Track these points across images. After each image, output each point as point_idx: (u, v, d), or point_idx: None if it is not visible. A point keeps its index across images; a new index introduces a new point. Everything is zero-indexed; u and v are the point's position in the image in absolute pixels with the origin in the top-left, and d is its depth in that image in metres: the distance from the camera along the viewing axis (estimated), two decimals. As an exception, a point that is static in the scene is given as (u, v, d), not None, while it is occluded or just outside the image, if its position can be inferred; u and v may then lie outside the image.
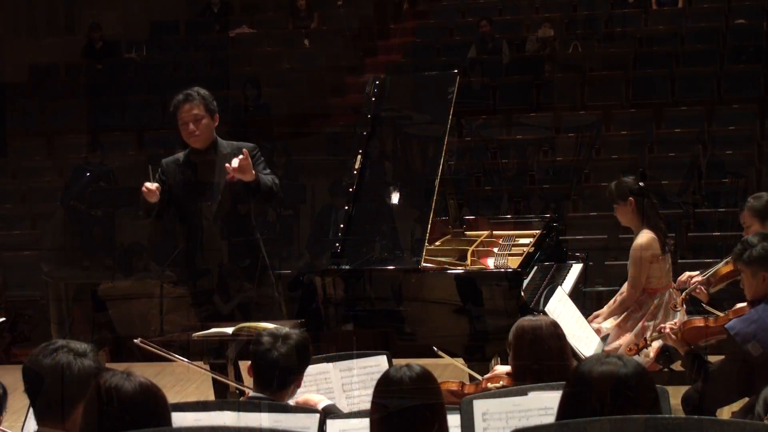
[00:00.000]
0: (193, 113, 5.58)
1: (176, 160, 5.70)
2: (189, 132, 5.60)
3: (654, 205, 5.97)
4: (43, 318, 8.21)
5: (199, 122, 5.59)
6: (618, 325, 5.96)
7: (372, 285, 5.91)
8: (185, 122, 5.60)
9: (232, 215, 5.54)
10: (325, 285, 5.91)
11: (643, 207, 5.91)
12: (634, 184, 5.95)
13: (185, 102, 5.60)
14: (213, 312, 5.45)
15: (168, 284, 6.23)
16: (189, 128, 5.59)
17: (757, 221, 5.56)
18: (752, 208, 5.59)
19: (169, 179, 5.62)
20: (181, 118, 5.61)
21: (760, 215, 5.58)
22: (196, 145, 5.63)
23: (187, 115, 5.58)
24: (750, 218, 5.60)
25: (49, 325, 6.54)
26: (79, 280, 6.42)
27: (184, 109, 5.59)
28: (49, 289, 6.47)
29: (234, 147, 5.64)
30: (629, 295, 5.96)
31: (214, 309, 5.50)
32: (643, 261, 5.87)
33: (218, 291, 5.58)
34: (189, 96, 5.60)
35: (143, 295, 6.30)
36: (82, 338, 6.32)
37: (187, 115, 5.58)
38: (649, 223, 5.90)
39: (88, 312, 6.45)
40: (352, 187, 6.04)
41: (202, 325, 5.23)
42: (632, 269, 5.92)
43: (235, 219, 5.54)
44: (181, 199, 5.61)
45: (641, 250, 5.87)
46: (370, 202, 6.07)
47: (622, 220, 6.04)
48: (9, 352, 9.10)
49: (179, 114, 5.61)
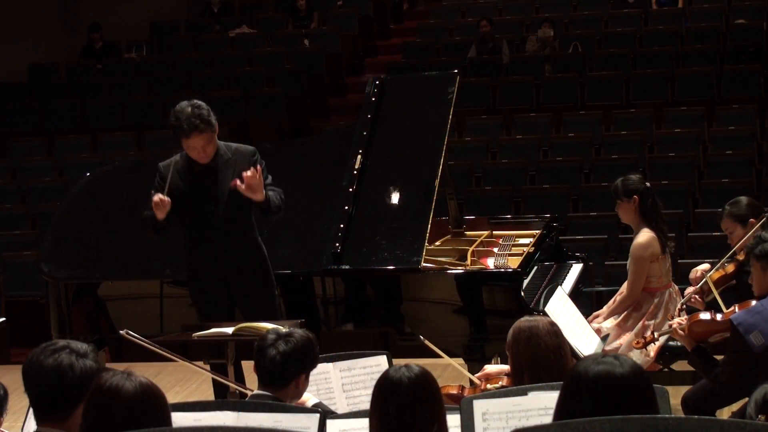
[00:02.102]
0: (203, 141, 5.43)
1: (175, 164, 5.55)
2: (200, 157, 5.47)
3: (657, 206, 5.97)
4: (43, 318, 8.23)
5: (209, 146, 5.46)
6: (618, 324, 5.96)
7: (372, 285, 5.91)
8: (196, 149, 5.44)
9: (235, 218, 5.49)
10: (324, 285, 5.91)
11: (647, 206, 5.90)
12: (640, 183, 5.94)
13: (196, 134, 5.39)
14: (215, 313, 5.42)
15: (168, 284, 6.23)
16: (201, 154, 5.46)
17: (739, 225, 5.69)
18: (731, 214, 5.74)
19: (170, 184, 5.50)
20: (189, 146, 5.44)
21: (740, 219, 5.72)
22: (204, 162, 5.50)
23: (198, 144, 5.42)
24: (731, 224, 5.74)
25: (49, 325, 6.54)
26: (79, 280, 6.41)
27: (194, 141, 5.41)
28: (49, 289, 6.46)
29: (233, 150, 5.58)
30: (628, 294, 5.96)
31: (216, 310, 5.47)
32: (642, 260, 5.87)
33: (222, 293, 5.56)
34: (198, 127, 5.37)
35: (143, 295, 6.31)
36: (82, 338, 6.35)
37: (199, 144, 5.42)
38: (650, 223, 5.90)
39: (88, 312, 6.45)
40: (352, 187, 6.04)
41: (203, 325, 5.23)
42: (632, 268, 5.92)
43: (238, 222, 5.49)
44: (183, 204, 5.51)
45: (641, 250, 5.87)
46: (370, 202, 6.07)
47: (623, 217, 6.03)
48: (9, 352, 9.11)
49: (187, 143, 5.42)
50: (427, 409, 3.10)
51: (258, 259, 5.59)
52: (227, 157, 5.54)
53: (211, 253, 5.53)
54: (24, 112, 13.46)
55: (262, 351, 3.84)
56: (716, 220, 5.96)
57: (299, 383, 3.86)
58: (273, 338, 3.85)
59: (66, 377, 3.00)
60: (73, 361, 3.05)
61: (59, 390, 3.01)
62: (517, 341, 3.82)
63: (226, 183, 5.49)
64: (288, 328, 4.00)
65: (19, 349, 9.26)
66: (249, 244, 5.57)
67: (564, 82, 12.38)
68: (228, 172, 5.51)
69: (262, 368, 3.85)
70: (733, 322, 4.60)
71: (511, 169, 10.77)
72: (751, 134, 10.94)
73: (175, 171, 5.49)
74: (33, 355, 3.13)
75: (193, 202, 5.52)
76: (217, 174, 5.52)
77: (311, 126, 13.14)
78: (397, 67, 12.95)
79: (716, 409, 5.41)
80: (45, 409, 3.07)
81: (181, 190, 5.50)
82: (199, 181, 5.52)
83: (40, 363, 3.08)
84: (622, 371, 2.72)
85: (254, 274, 5.57)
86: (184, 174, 5.54)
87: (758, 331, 4.50)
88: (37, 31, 14.69)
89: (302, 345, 3.84)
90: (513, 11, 14.67)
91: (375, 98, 6.38)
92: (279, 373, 3.81)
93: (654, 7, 13.92)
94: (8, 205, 11.20)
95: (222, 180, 5.51)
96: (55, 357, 3.06)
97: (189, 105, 5.45)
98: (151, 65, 14.27)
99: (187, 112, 5.40)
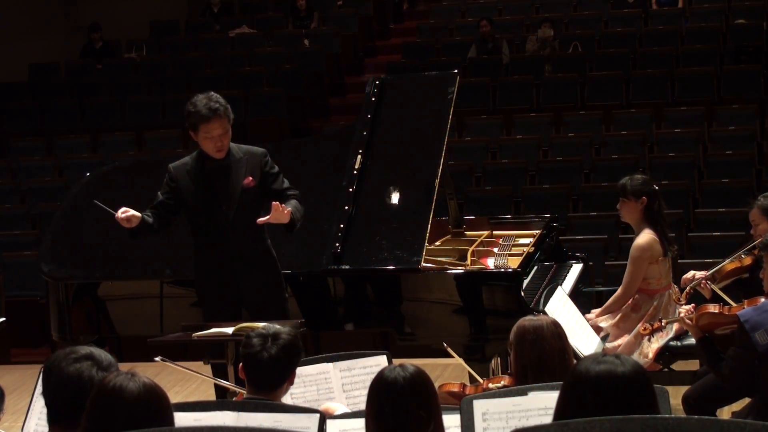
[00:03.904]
0: (223, 129, 5.40)
1: (185, 165, 5.52)
2: (217, 148, 5.41)
3: (662, 209, 5.94)
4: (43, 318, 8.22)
5: (226, 136, 5.43)
6: (616, 325, 5.95)
7: (372, 285, 5.91)
8: (213, 137, 5.39)
9: (247, 219, 5.47)
10: (324, 285, 5.90)
11: (654, 209, 5.88)
12: (649, 185, 5.91)
13: (216, 118, 5.36)
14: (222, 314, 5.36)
15: (168, 284, 6.23)
16: (218, 144, 5.40)
17: (766, 219, 5.58)
18: (762, 206, 5.61)
19: (180, 185, 5.48)
20: (209, 133, 5.37)
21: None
22: (220, 157, 5.45)
23: (216, 131, 5.37)
24: (759, 216, 5.61)
25: (49, 325, 6.54)
26: (79, 280, 6.41)
27: (214, 126, 5.37)
28: (49, 289, 6.46)
29: (244, 150, 5.54)
30: (622, 294, 5.93)
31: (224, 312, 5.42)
32: (640, 261, 5.85)
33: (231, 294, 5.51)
34: (217, 111, 5.35)
35: (143, 295, 6.30)
36: (82, 338, 6.35)
37: (217, 131, 5.37)
38: (654, 225, 5.87)
39: (88, 312, 6.45)
40: (352, 187, 6.04)
41: (203, 325, 5.22)
42: (629, 268, 5.90)
43: (250, 222, 5.48)
44: (195, 205, 5.47)
45: (640, 251, 5.86)
46: (370, 202, 6.06)
47: (626, 216, 5.99)
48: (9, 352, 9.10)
49: (207, 129, 5.37)
50: (422, 408, 3.09)
51: (269, 260, 5.56)
52: (239, 157, 5.50)
53: (221, 254, 5.47)
54: (24, 112, 13.46)
55: (253, 356, 3.73)
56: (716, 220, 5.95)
57: (292, 381, 3.84)
58: (260, 342, 3.74)
59: (84, 389, 2.97)
60: (94, 374, 3.02)
61: (75, 401, 2.97)
62: (522, 342, 3.80)
63: (238, 182, 5.46)
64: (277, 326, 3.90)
65: (19, 349, 9.27)
66: (259, 245, 5.53)
67: (564, 82, 12.38)
68: (240, 172, 5.48)
69: (256, 373, 3.75)
70: (740, 318, 4.59)
71: (511, 169, 10.77)
72: (751, 134, 10.94)
73: (185, 172, 5.48)
74: (55, 359, 3.10)
75: (203, 201, 5.47)
76: (230, 172, 5.48)
77: (311, 126, 13.15)
78: (397, 67, 12.96)
79: (717, 408, 5.42)
80: (58, 414, 3.05)
81: (191, 191, 5.47)
82: (211, 179, 5.47)
83: (61, 369, 3.05)
84: (623, 370, 2.71)
85: (265, 276, 5.55)
86: (194, 173, 5.49)
87: (764, 330, 4.49)
88: (37, 31, 14.69)
89: (291, 343, 3.78)
90: (513, 11, 14.67)
91: (375, 98, 6.38)
92: (276, 376, 3.75)
93: (654, 7, 13.93)
94: (8, 205, 11.20)
95: (234, 179, 5.47)
96: (76, 366, 3.02)
97: (204, 95, 5.46)
98: (151, 65, 14.27)
99: (204, 100, 5.41)
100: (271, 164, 5.55)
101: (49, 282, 6.42)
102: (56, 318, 6.39)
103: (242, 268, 5.49)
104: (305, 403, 4.22)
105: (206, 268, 5.55)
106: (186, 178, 5.48)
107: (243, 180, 5.46)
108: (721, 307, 5.10)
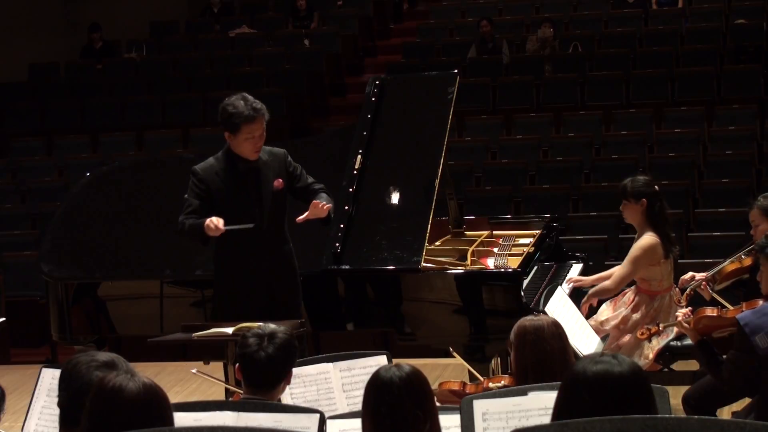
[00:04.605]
0: (263, 129, 5.41)
1: (212, 167, 5.46)
2: (256, 148, 5.41)
3: (664, 211, 5.92)
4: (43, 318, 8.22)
5: (263, 137, 5.43)
6: (617, 326, 5.95)
7: (372, 285, 5.91)
8: (254, 138, 5.38)
9: (278, 220, 5.47)
10: (324, 285, 5.90)
11: (655, 211, 5.86)
12: (649, 186, 5.89)
13: (259, 118, 5.38)
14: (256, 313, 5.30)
15: (168, 284, 6.23)
16: (257, 144, 5.40)
17: (766, 220, 5.57)
18: (762, 206, 5.59)
19: (211, 188, 5.42)
20: (252, 133, 5.36)
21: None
22: (255, 158, 5.43)
23: (258, 132, 5.37)
24: (759, 217, 5.59)
25: (49, 325, 6.54)
26: (79, 280, 6.41)
27: (256, 126, 5.37)
28: (49, 289, 6.46)
29: (267, 151, 5.52)
30: (610, 287, 5.91)
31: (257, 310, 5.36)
32: (638, 261, 5.84)
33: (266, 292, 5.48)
34: (260, 111, 5.38)
35: (143, 295, 6.30)
36: (81, 338, 6.36)
37: (258, 132, 5.37)
38: (656, 227, 5.85)
39: (88, 312, 6.45)
40: (352, 187, 6.04)
41: (203, 324, 5.22)
42: (627, 265, 5.89)
43: (279, 224, 5.48)
44: (228, 208, 5.39)
45: (640, 251, 5.85)
46: (370, 202, 6.06)
47: (628, 218, 5.98)
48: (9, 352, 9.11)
49: (250, 129, 5.35)
50: (418, 408, 3.09)
51: (293, 261, 5.58)
52: (265, 158, 5.50)
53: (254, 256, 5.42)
54: (24, 112, 13.46)
55: (250, 356, 3.73)
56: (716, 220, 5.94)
57: (288, 380, 3.84)
58: (256, 341, 3.74)
59: None
60: None
61: None
62: (522, 343, 3.79)
63: (268, 184, 5.45)
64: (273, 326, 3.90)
65: (19, 349, 9.27)
66: (286, 245, 5.55)
67: (564, 82, 12.38)
68: (269, 174, 5.48)
69: (253, 372, 3.75)
70: (739, 321, 4.58)
71: (511, 169, 10.77)
72: (751, 134, 10.94)
73: (214, 174, 5.43)
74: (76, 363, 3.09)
75: (237, 203, 5.43)
76: (260, 174, 5.47)
77: (311, 126, 13.14)
78: (397, 67, 12.96)
79: (717, 408, 5.41)
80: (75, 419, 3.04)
81: (223, 192, 5.42)
82: (244, 181, 5.44)
83: (80, 374, 3.04)
84: (620, 370, 2.72)
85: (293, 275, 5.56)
86: (224, 174, 5.44)
87: (765, 333, 4.48)
88: (37, 31, 14.69)
89: (288, 341, 3.78)
90: (513, 11, 14.67)
91: (375, 98, 6.38)
92: (273, 375, 3.75)
93: (654, 7, 13.93)
94: (8, 205, 11.21)
95: (264, 180, 5.46)
96: (98, 375, 3.01)
97: (240, 96, 5.48)
98: (151, 65, 14.26)
99: (242, 101, 5.43)
100: (294, 163, 5.58)
101: (49, 282, 6.42)
102: (56, 318, 6.39)
103: (274, 268, 5.48)
104: (305, 403, 4.22)
105: (237, 269, 5.47)
106: (217, 180, 5.43)
107: (273, 182, 5.46)
108: (718, 310, 5.08)
